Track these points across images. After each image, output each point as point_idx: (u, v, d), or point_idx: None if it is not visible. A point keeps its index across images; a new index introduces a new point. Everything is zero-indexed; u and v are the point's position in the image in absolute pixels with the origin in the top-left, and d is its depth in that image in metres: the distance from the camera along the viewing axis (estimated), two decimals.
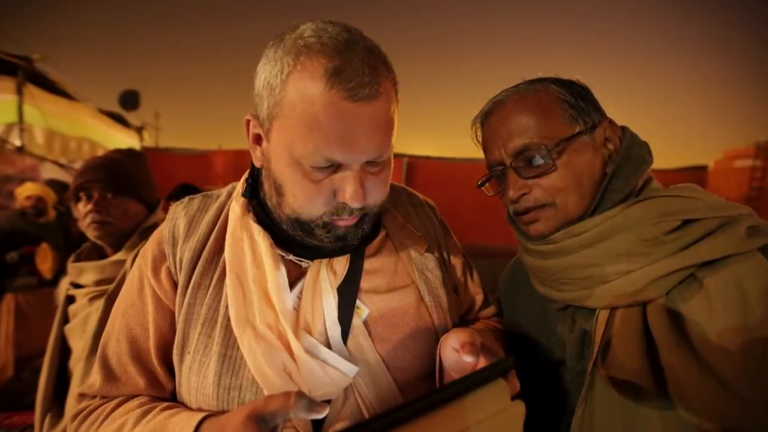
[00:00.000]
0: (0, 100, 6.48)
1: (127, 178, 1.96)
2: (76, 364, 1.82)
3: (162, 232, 1.08)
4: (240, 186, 1.10)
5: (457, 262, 1.23)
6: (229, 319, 0.95)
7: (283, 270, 0.99)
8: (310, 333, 0.95)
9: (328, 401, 0.90)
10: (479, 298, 1.28)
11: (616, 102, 1.11)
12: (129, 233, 1.94)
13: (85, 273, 1.92)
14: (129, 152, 2.14)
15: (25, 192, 4.79)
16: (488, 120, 1.12)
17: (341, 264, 1.04)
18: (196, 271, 1.01)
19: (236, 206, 1.06)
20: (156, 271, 1.04)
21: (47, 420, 1.87)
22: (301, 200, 0.92)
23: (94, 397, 1.03)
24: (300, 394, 0.75)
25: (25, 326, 4.23)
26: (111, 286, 1.82)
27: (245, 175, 1.10)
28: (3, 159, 6.33)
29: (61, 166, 7.57)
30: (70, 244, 3.63)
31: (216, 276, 1.01)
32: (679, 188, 1.01)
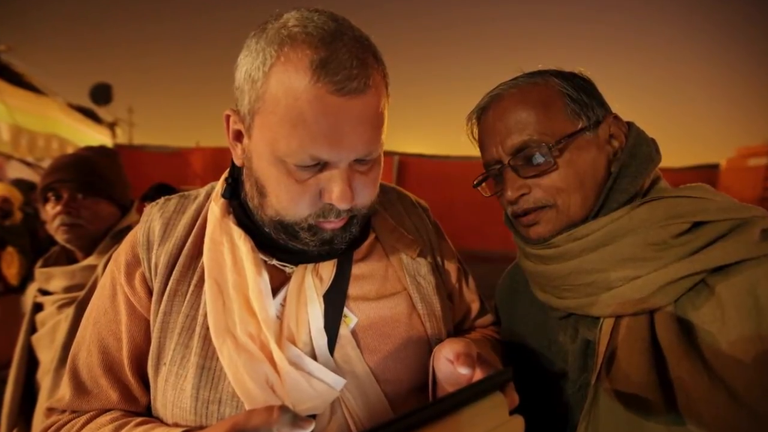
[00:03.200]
0: None
1: (99, 178, 1.95)
2: (44, 377, 1.82)
3: (136, 235, 1.07)
4: (219, 186, 1.10)
5: (451, 267, 1.23)
6: (207, 329, 0.95)
7: (265, 276, 0.99)
8: (294, 343, 0.95)
9: (314, 416, 0.90)
10: (475, 306, 1.28)
11: (622, 96, 1.12)
12: (101, 236, 1.93)
13: (54, 279, 1.91)
14: (101, 150, 2.14)
15: None
16: (485, 115, 1.12)
17: (327, 269, 1.03)
18: (173, 277, 1.00)
19: (215, 208, 1.06)
20: (129, 277, 1.03)
21: None
22: (284, 201, 0.91)
23: (63, 411, 1.02)
24: (284, 409, 0.75)
25: None
26: (81, 293, 1.82)
27: (225, 175, 1.10)
28: None
29: (28, 164, 7.54)
30: (38, 248, 3.61)
31: (194, 282, 1.00)
32: (689, 188, 1.01)
